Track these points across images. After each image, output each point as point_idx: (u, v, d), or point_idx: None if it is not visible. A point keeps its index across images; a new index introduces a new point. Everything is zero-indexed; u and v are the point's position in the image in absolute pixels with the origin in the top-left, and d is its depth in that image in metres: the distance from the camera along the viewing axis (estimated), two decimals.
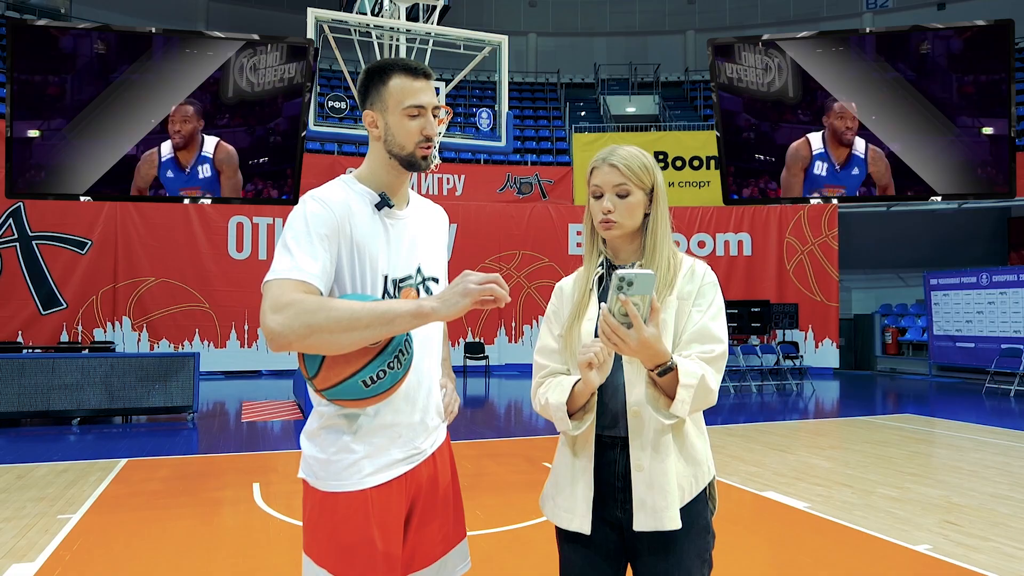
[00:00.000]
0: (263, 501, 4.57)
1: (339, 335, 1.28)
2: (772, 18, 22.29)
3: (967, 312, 12.45)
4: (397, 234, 1.52)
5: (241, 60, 7.18)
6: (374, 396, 1.38)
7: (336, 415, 1.46)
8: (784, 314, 12.84)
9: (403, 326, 1.32)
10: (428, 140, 1.52)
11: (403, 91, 1.49)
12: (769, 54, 7.51)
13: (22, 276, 11.39)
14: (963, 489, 4.88)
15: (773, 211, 14.00)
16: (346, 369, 1.34)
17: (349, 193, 1.49)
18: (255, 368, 12.65)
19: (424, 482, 1.55)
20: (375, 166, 1.54)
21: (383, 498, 1.46)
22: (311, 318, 1.27)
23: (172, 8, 20.19)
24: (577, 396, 1.48)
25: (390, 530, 1.46)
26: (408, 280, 1.52)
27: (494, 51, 7.70)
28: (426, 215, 1.64)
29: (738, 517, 4.28)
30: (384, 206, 1.50)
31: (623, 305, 1.32)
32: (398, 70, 1.50)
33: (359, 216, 1.47)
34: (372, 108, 1.52)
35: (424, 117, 1.50)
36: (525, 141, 17.78)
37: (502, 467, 5.62)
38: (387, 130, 1.50)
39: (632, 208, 1.54)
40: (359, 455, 1.45)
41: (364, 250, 1.46)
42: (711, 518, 1.55)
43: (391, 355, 1.36)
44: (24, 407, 7.30)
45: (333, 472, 1.45)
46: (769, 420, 8.30)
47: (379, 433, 1.47)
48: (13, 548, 3.61)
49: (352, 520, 1.43)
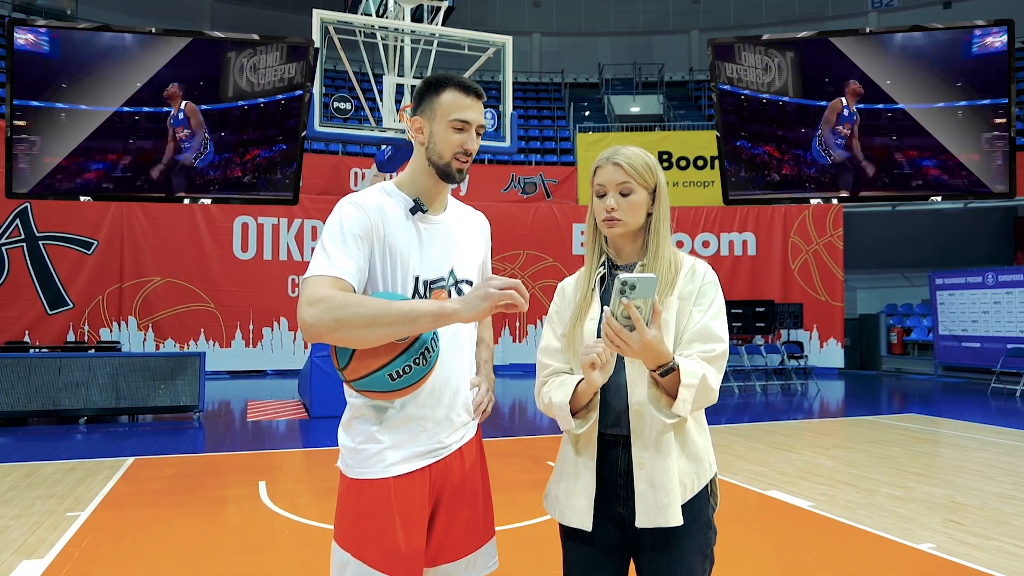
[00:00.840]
0: (269, 499, 4.60)
1: (364, 330, 1.36)
2: (776, 17, 22.25)
3: (973, 312, 12.41)
4: (431, 238, 1.60)
5: (241, 60, 7.22)
6: (400, 390, 1.45)
7: (365, 406, 1.55)
8: (789, 314, 12.81)
9: (425, 325, 1.40)
10: (467, 154, 1.60)
11: (453, 104, 1.58)
12: (769, 54, 7.53)
13: (29, 276, 11.46)
14: (967, 488, 4.88)
15: (778, 211, 13.97)
16: (374, 363, 1.41)
17: (385, 198, 1.58)
18: (260, 368, 12.69)
19: (450, 477, 1.59)
20: (415, 172, 1.63)
21: (406, 488, 1.52)
22: (340, 313, 1.36)
23: (176, 9, 20.28)
24: (580, 395, 1.51)
25: (412, 519, 1.51)
26: (440, 282, 1.59)
27: (498, 51, 7.71)
28: (463, 220, 1.72)
29: (742, 516, 4.29)
30: (418, 211, 1.58)
31: (626, 308, 1.35)
32: (453, 84, 1.59)
33: (393, 220, 1.55)
34: (421, 115, 1.61)
35: (467, 132, 1.59)
36: (529, 141, 17.79)
37: (506, 466, 5.63)
38: (431, 138, 1.59)
39: (635, 206, 1.56)
40: (384, 445, 1.52)
41: (396, 252, 1.54)
42: (712, 514, 1.57)
43: (417, 352, 1.43)
44: (32, 406, 7.35)
45: (360, 460, 1.53)
46: (773, 420, 8.30)
47: (404, 425, 1.54)
48: (23, 545, 3.65)
49: (374, 507, 1.49)
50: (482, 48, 7.67)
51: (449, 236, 1.64)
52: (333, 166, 13.64)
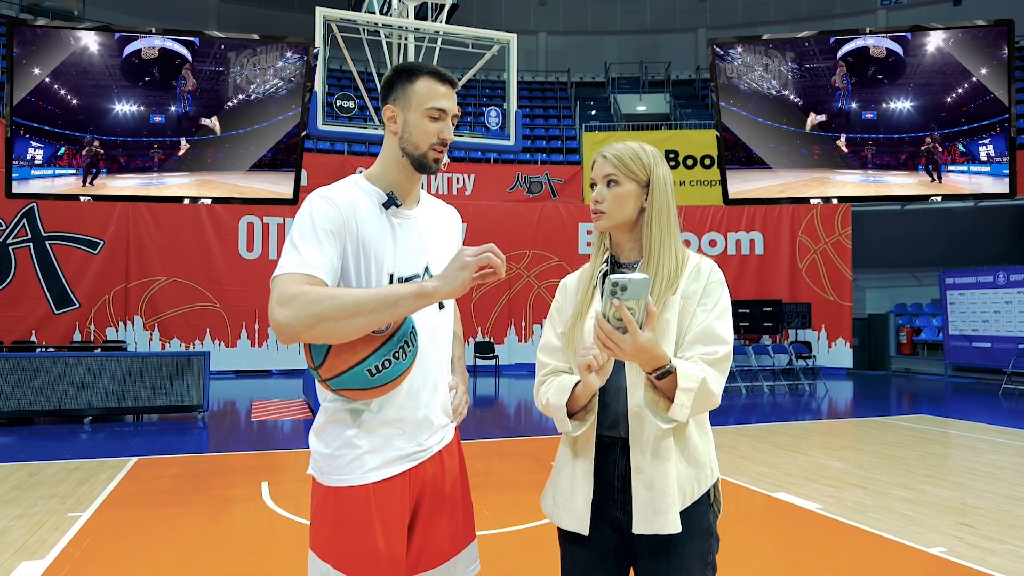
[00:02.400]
0: (271, 500, 4.57)
1: (344, 322, 1.31)
2: (784, 15, 22.10)
3: (983, 312, 12.29)
4: (405, 233, 1.53)
5: (241, 60, 7.21)
6: (379, 386, 1.39)
7: (341, 410, 1.48)
8: (796, 314, 12.72)
9: (408, 307, 1.35)
10: (443, 144, 1.55)
11: (429, 93, 1.52)
12: (769, 54, 7.50)
13: (35, 276, 11.49)
14: (979, 491, 4.80)
15: (785, 210, 13.88)
16: (352, 357, 1.36)
17: (357, 192, 1.51)
18: (265, 367, 12.70)
19: (430, 480, 1.54)
20: (387, 164, 1.56)
21: (386, 494, 1.46)
22: (316, 307, 1.30)
23: (183, 9, 20.33)
24: (578, 397, 1.47)
25: (392, 526, 1.46)
26: (415, 279, 1.53)
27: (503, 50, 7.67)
28: (436, 215, 1.65)
29: (748, 518, 4.24)
30: (391, 205, 1.51)
31: (617, 310, 1.30)
32: (427, 73, 1.53)
33: (366, 215, 1.48)
34: (394, 103, 1.54)
35: (443, 121, 1.54)
36: (535, 140, 17.75)
37: (510, 466, 5.59)
38: (405, 127, 1.53)
39: (621, 199, 1.52)
40: (362, 450, 1.46)
41: (370, 248, 1.47)
42: (715, 521, 1.52)
43: (396, 345, 1.38)
44: (37, 406, 7.35)
45: (336, 467, 1.47)
46: (781, 420, 8.22)
47: (383, 428, 1.48)
48: (24, 545, 3.63)
49: (354, 515, 1.44)
50: (487, 46, 7.63)
51: (423, 231, 1.58)
52: (338, 165, 13.63)
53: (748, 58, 7.53)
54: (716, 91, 7.73)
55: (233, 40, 7.30)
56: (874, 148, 7.44)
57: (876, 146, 7.44)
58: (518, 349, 13.76)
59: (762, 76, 7.49)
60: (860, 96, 7.43)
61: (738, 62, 7.59)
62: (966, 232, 15.64)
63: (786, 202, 7.72)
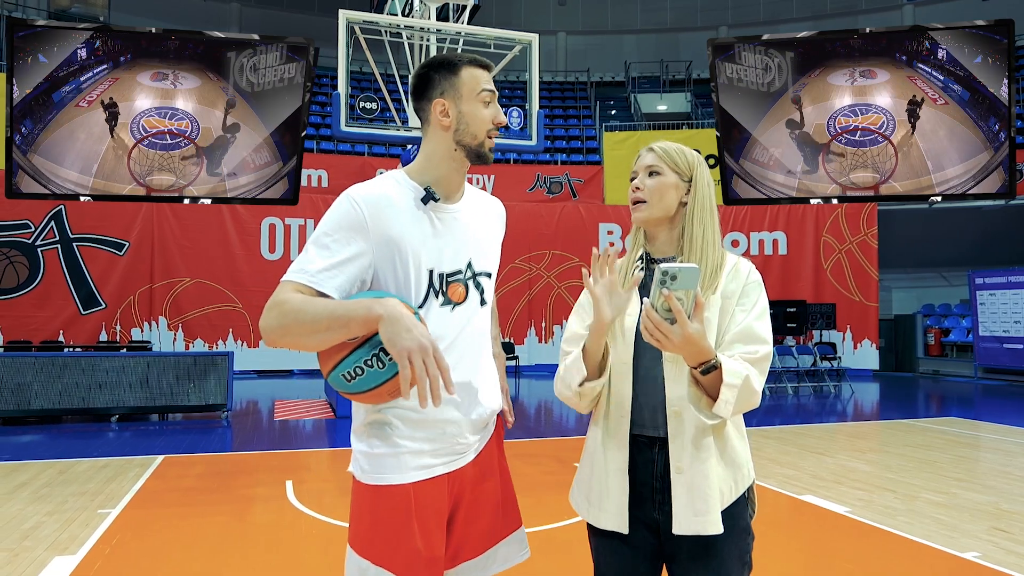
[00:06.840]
0: (296, 498, 4.59)
1: (302, 337, 1.35)
2: (808, 12, 21.79)
3: (1015, 312, 12.02)
4: (446, 228, 1.50)
5: (241, 60, 7.27)
6: (360, 392, 1.36)
7: (379, 410, 1.47)
8: (821, 314, 12.54)
9: (357, 329, 1.32)
10: (497, 128, 1.53)
11: (475, 79, 1.51)
12: (769, 54, 7.46)
13: (63, 277, 11.70)
14: (1013, 495, 4.69)
15: (809, 209, 13.69)
16: (328, 362, 1.37)
17: (394, 187, 1.48)
18: (287, 367, 12.80)
19: (469, 480, 1.53)
20: (434, 159, 1.52)
21: (425, 494, 1.46)
22: (284, 319, 1.35)
23: (206, 13, 20.58)
24: (590, 351, 1.45)
25: (431, 526, 1.45)
26: (457, 275, 1.50)
27: (524, 50, 7.66)
28: (481, 208, 1.61)
29: (776, 521, 4.17)
30: (430, 199, 1.48)
31: (666, 300, 1.27)
32: (467, 62, 1.52)
33: (401, 211, 1.45)
34: (444, 96, 1.50)
35: (494, 104, 1.53)
36: (555, 140, 17.70)
37: (533, 468, 5.57)
38: (460, 119, 1.49)
39: (662, 188, 1.51)
40: (403, 449, 1.45)
41: (405, 245, 1.44)
42: (751, 521, 1.50)
43: (367, 353, 1.32)
44: (65, 404, 7.48)
45: (377, 466, 1.46)
46: (806, 422, 8.11)
47: (422, 429, 1.47)
48: (56, 541, 3.68)
49: (394, 513, 1.44)
50: (508, 47, 7.63)
51: (466, 226, 1.54)
52: (359, 167, 13.71)
53: (748, 58, 7.47)
54: (716, 91, 7.68)
55: (233, 40, 7.35)
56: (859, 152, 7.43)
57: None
58: (538, 350, 13.73)
59: (762, 75, 7.43)
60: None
61: (738, 62, 7.54)
62: (996, 231, 15.29)
63: (784, 202, 7.66)
